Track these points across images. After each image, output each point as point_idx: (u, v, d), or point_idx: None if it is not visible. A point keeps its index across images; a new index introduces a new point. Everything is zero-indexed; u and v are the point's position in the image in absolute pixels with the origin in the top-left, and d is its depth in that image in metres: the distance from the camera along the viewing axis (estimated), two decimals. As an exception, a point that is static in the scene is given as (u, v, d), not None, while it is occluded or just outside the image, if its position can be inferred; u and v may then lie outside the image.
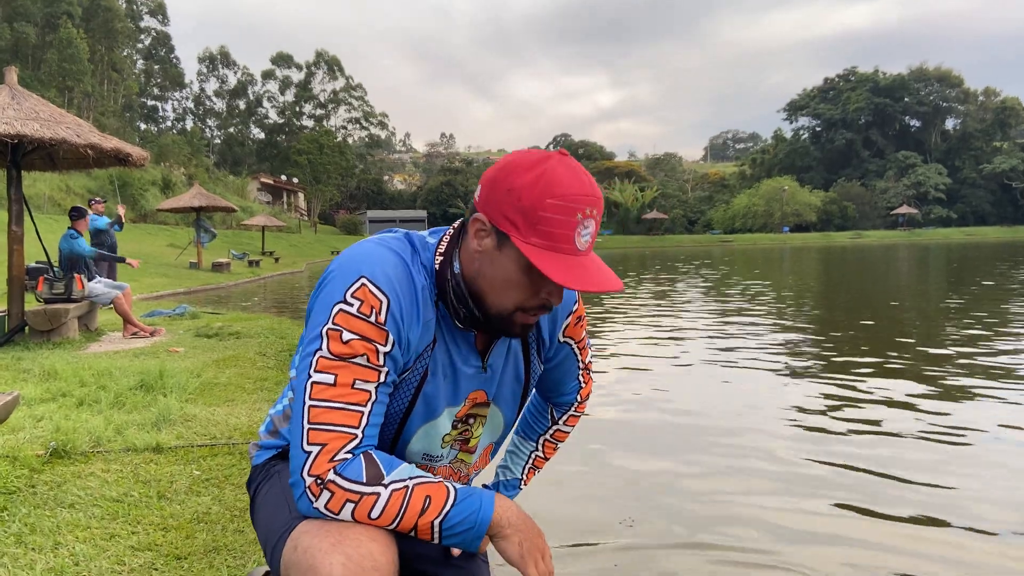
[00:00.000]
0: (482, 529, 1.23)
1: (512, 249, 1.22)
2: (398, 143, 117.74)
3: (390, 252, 1.30)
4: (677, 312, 12.36)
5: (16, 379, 5.36)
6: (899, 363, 7.08)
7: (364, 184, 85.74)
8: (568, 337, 1.57)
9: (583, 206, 1.19)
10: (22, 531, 2.63)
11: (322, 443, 1.19)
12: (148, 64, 77.98)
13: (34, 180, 31.26)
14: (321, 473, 1.18)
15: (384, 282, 1.25)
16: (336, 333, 1.22)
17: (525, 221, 1.19)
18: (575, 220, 1.19)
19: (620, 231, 78.60)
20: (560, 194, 1.18)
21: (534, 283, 1.25)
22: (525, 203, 1.19)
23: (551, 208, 1.18)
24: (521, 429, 1.76)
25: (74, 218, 8.60)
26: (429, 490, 1.22)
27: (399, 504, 1.19)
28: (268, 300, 17.25)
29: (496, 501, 1.27)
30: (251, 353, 6.83)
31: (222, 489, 3.16)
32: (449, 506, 1.22)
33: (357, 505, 1.18)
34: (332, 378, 1.21)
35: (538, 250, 1.19)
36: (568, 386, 1.67)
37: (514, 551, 1.26)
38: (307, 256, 39.59)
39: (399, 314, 1.26)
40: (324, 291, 1.28)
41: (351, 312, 1.23)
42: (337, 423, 1.20)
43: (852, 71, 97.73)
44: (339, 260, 1.31)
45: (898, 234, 72.35)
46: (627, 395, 5.93)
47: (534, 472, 1.74)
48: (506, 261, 1.24)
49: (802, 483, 3.80)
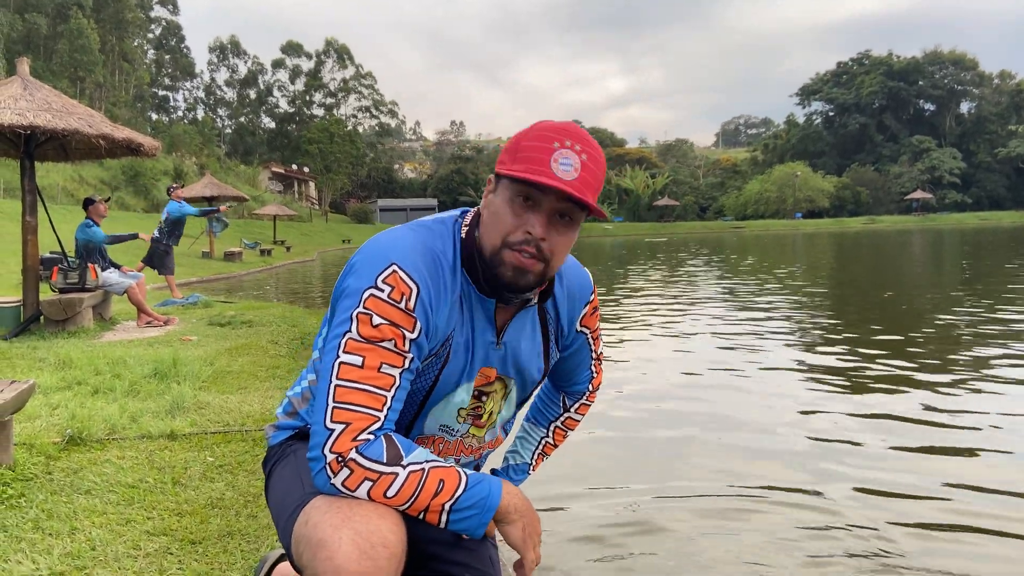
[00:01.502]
0: (488, 515, 1.26)
1: (503, 186, 1.31)
2: (408, 131, 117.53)
3: (420, 239, 1.34)
4: (685, 306, 12.32)
5: (32, 368, 5.42)
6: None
7: (375, 173, 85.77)
8: (584, 327, 1.60)
9: (561, 137, 1.27)
10: (39, 517, 2.66)
11: (346, 422, 1.22)
12: (159, 54, 78.19)
13: (47, 171, 31.52)
14: (343, 451, 1.20)
15: (414, 270, 1.28)
16: (366, 317, 1.25)
17: (509, 157, 1.30)
18: (550, 148, 1.26)
19: (631, 218, 78.36)
20: (540, 128, 1.30)
21: (519, 216, 1.29)
22: (511, 144, 1.32)
23: (529, 138, 1.29)
24: (532, 415, 1.78)
25: (88, 208, 8.67)
26: (443, 474, 1.24)
27: (415, 485, 1.22)
28: (280, 289, 17.33)
29: (504, 488, 1.30)
30: (263, 341, 6.88)
31: (236, 475, 3.19)
32: (461, 491, 1.24)
33: (375, 484, 1.21)
34: (360, 360, 1.24)
35: (516, 171, 1.27)
36: (582, 375, 1.70)
37: (518, 535, 1.30)
38: (319, 245, 39.71)
39: (428, 301, 1.29)
40: (354, 275, 1.30)
41: (382, 298, 1.26)
42: (362, 404, 1.23)
43: (866, 55, 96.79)
44: (370, 245, 1.34)
45: (912, 219, 71.76)
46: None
47: (543, 458, 1.77)
48: (496, 199, 1.33)
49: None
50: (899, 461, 3.93)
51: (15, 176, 7.97)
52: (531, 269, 1.30)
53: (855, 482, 3.60)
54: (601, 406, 5.18)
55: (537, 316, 1.50)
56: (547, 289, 1.47)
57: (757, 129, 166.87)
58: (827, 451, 4.12)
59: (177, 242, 12.01)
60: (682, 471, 3.86)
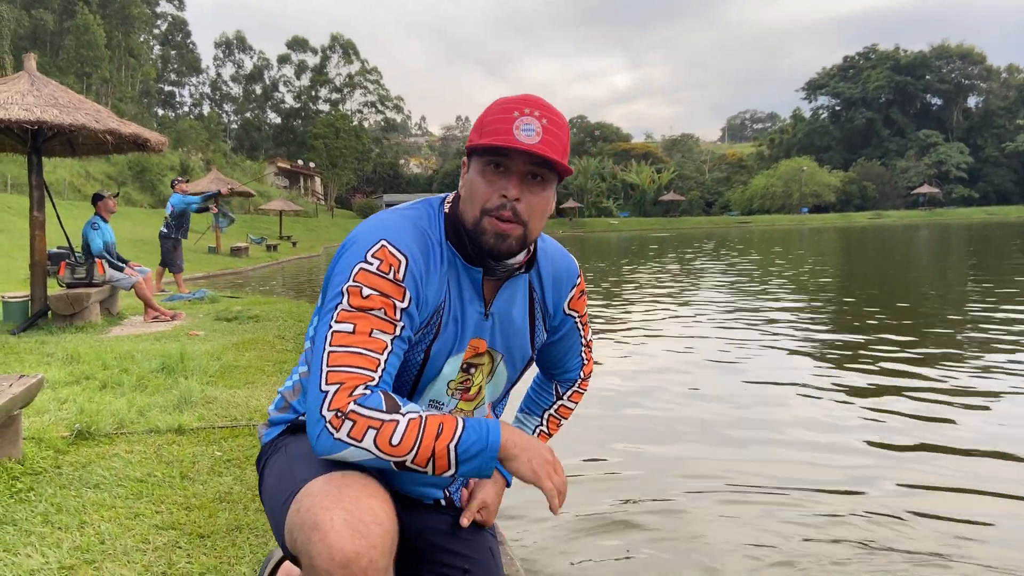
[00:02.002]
0: (494, 450, 1.27)
1: (474, 160, 1.38)
2: (414, 127, 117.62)
3: (407, 217, 1.41)
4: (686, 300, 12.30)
5: (40, 362, 5.44)
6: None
7: (380, 168, 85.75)
8: (572, 310, 1.62)
9: (520, 106, 1.33)
10: (48, 511, 2.68)
11: (340, 382, 1.24)
12: (165, 50, 78.17)
13: (54, 166, 31.55)
14: (341, 406, 1.22)
15: (403, 243, 1.34)
16: (356, 289, 1.30)
17: (476, 132, 1.36)
18: (511, 117, 1.32)
19: (637, 213, 78.14)
20: (500, 102, 1.36)
21: (493, 184, 1.34)
22: (476, 123, 1.38)
23: (494, 113, 1.34)
24: (526, 406, 1.80)
25: (97, 203, 8.64)
26: (441, 419, 1.27)
27: (416, 430, 1.23)
28: (286, 284, 17.36)
29: (501, 426, 1.31)
30: (270, 336, 6.89)
31: (243, 469, 3.20)
32: (460, 430, 1.26)
33: (379, 432, 1.22)
34: (351, 327, 1.28)
35: (481, 141, 1.33)
36: (572, 362, 1.72)
37: (526, 468, 1.31)
38: (324, 240, 39.72)
39: (417, 273, 1.34)
40: (344, 256, 1.35)
41: (371, 270, 1.30)
42: (355, 365, 1.26)
43: (872, 49, 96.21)
44: (360, 228, 1.39)
45: (918, 214, 71.42)
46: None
47: None
48: (470, 174, 1.39)
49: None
50: (917, 455, 3.93)
51: (22, 172, 7.99)
52: (511, 232, 1.35)
53: (867, 473, 3.60)
54: (610, 394, 5.19)
55: (526, 290, 1.52)
56: (532, 259, 1.49)
57: (763, 124, 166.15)
58: (837, 445, 4.13)
59: (185, 235, 12.08)
60: (687, 464, 3.86)
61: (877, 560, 2.75)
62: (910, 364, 6.13)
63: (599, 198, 78.69)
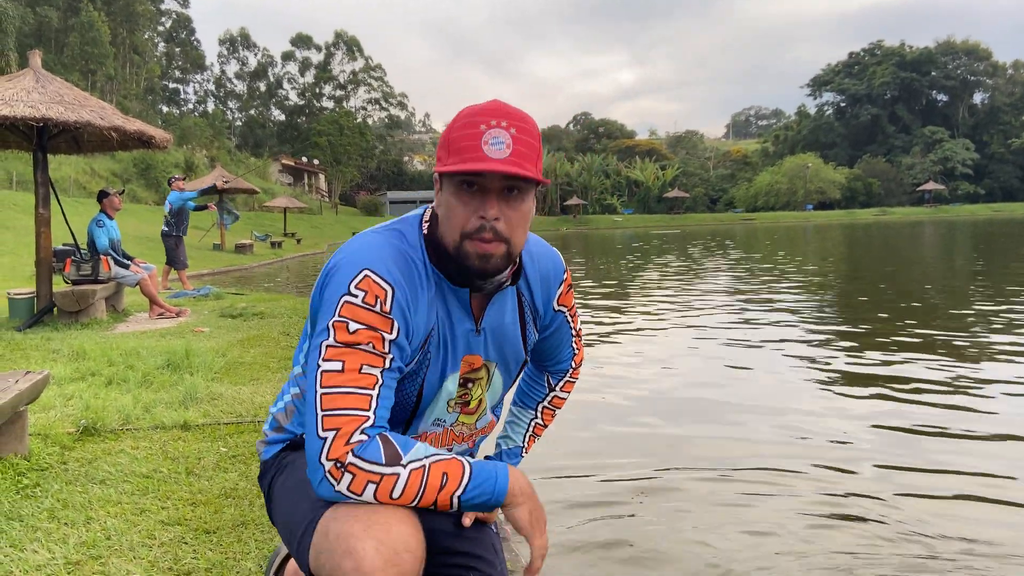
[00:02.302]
0: (500, 499, 1.27)
1: (446, 182, 1.32)
2: (418, 123, 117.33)
3: (388, 241, 1.35)
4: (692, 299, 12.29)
5: (46, 359, 5.45)
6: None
7: (384, 165, 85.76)
8: (562, 305, 1.61)
9: (487, 118, 1.27)
10: (55, 506, 2.68)
11: (336, 428, 1.22)
12: (169, 47, 78.25)
13: (59, 163, 31.66)
14: (339, 456, 1.21)
15: (387, 272, 1.29)
16: (342, 324, 1.26)
17: (444, 152, 1.30)
18: (479, 131, 1.26)
19: (641, 210, 78.10)
20: (464, 115, 1.29)
21: (468, 205, 1.29)
22: (444, 138, 1.31)
23: (460, 129, 1.28)
24: (519, 399, 1.79)
25: (103, 201, 8.65)
26: (446, 467, 1.25)
27: (419, 482, 1.22)
28: (291, 281, 17.39)
29: (510, 472, 1.30)
30: (275, 333, 6.90)
31: (248, 465, 3.20)
32: (466, 480, 1.25)
33: (379, 486, 1.21)
34: (340, 364, 1.25)
35: (452, 165, 1.27)
36: (563, 353, 1.71)
37: (524, 519, 1.31)
38: (328, 237, 39.74)
39: (404, 301, 1.30)
40: (328, 287, 1.31)
41: (356, 303, 1.26)
42: (348, 407, 1.23)
43: (878, 45, 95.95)
44: (339, 256, 1.34)
45: (923, 211, 71.26)
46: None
47: (534, 439, 1.78)
48: (443, 197, 1.33)
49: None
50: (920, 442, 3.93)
51: (28, 169, 8.01)
52: (495, 252, 1.30)
53: (875, 461, 3.60)
54: (613, 396, 5.18)
55: (515, 298, 1.51)
56: (518, 269, 1.47)
57: (768, 120, 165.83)
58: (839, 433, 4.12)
59: (185, 232, 12.11)
60: (689, 453, 3.86)
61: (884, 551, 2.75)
62: (917, 352, 6.12)
63: (603, 195, 78.67)
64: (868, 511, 3.17)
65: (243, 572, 2.25)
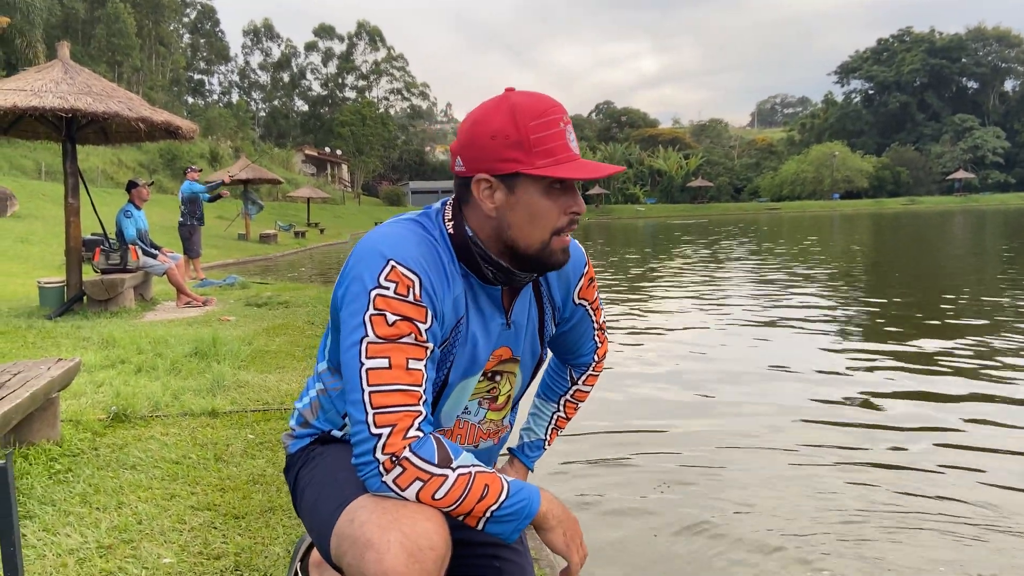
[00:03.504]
0: (524, 523, 1.27)
1: (526, 183, 1.29)
2: (440, 113, 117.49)
3: (408, 231, 1.34)
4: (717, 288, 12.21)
5: (76, 346, 5.54)
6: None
7: (406, 155, 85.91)
8: (583, 299, 1.60)
9: (559, 115, 1.29)
10: (87, 491, 2.72)
11: (392, 424, 1.22)
12: (194, 38, 78.79)
13: (87, 154, 32.06)
14: (396, 451, 1.21)
15: (412, 261, 1.28)
16: (380, 317, 1.24)
17: (524, 152, 1.27)
18: (561, 129, 1.28)
19: (664, 199, 77.60)
20: (537, 114, 1.28)
21: (557, 203, 1.31)
22: (515, 137, 1.27)
23: (537, 129, 1.27)
24: (542, 392, 1.78)
25: (131, 191, 8.75)
26: (488, 479, 1.25)
27: (462, 489, 1.22)
28: (314, 270, 17.51)
29: (542, 496, 1.30)
30: (300, 322, 6.95)
31: (275, 452, 3.23)
32: (504, 497, 1.24)
33: (425, 484, 1.21)
34: (386, 361, 1.24)
35: (550, 167, 1.27)
36: (585, 347, 1.70)
37: (559, 541, 1.31)
38: (351, 227, 39.93)
39: (432, 289, 1.29)
40: (353, 281, 1.29)
41: (389, 295, 1.25)
42: (401, 404, 1.23)
43: (907, 31, 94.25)
44: (360, 248, 1.32)
45: (953, 200, 70.08)
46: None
47: (556, 432, 1.77)
48: (526, 198, 1.30)
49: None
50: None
51: (56, 159, 8.12)
52: (568, 243, 1.35)
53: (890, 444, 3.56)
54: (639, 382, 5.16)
55: (532, 291, 1.50)
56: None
57: (794, 108, 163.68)
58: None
59: (201, 221, 12.32)
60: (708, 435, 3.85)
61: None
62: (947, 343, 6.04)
63: (626, 184, 78.23)
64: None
65: (271, 557, 2.27)
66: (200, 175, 12.74)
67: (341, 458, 1.38)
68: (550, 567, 2.43)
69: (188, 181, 12.10)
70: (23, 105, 6.60)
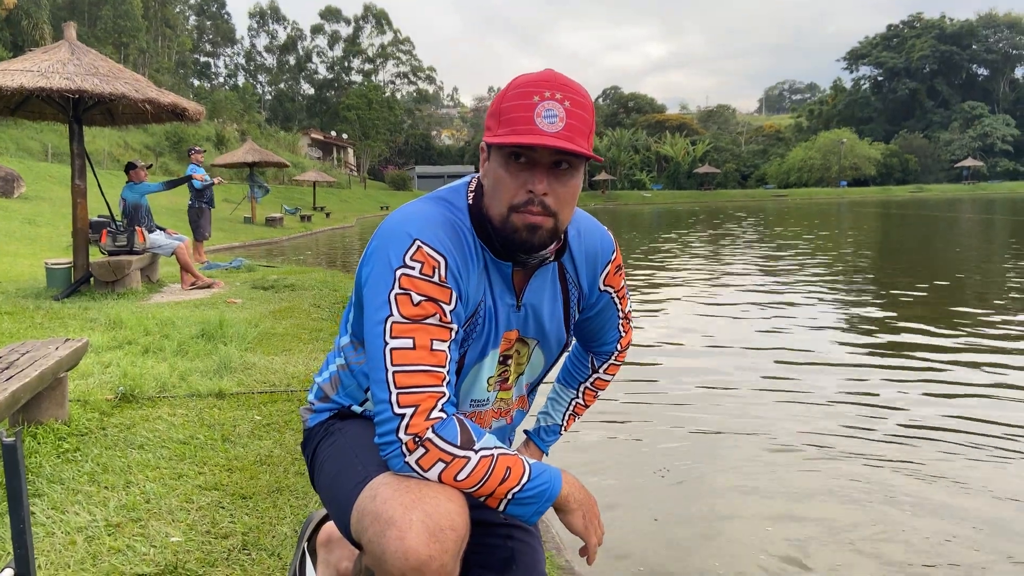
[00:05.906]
0: (546, 506, 1.28)
1: (495, 153, 1.30)
2: (446, 98, 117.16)
3: (436, 210, 1.34)
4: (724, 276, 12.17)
5: (84, 327, 5.55)
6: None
7: (412, 139, 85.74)
8: (608, 286, 1.58)
9: (542, 89, 1.25)
10: (95, 470, 2.74)
11: (415, 404, 1.22)
12: (200, 20, 78.64)
13: (93, 136, 32.05)
14: (419, 431, 1.21)
15: (438, 242, 1.28)
16: (405, 297, 1.25)
17: (495, 121, 1.29)
18: (531, 103, 1.24)
19: (671, 186, 77.28)
20: (518, 84, 1.28)
21: (517, 177, 1.27)
22: (493, 108, 1.30)
23: (510, 99, 1.26)
24: (562, 377, 1.78)
25: (129, 172, 8.93)
26: (510, 462, 1.25)
27: (484, 470, 1.23)
28: (320, 254, 17.52)
29: (563, 479, 1.30)
30: (306, 305, 6.96)
31: (283, 433, 3.25)
32: (526, 479, 1.25)
33: (448, 466, 1.21)
34: (410, 342, 1.24)
35: (501, 136, 1.25)
36: (609, 335, 1.68)
37: (579, 523, 1.33)
38: (357, 211, 39.96)
39: (457, 270, 1.29)
40: (379, 259, 1.29)
41: (414, 275, 1.25)
42: (425, 384, 1.23)
43: (917, 17, 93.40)
44: (387, 227, 1.32)
45: (961, 188, 69.66)
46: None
47: (574, 418, 1.77)
48: (491, 167, 1.31)
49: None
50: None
51: (63, 141, 8.11)
52: (541, 225, 1.29)
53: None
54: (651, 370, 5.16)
55: (557, 275, 1.48)
56: (563, 245, 1.45)
57: (802, 95, 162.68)
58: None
59: (211, 204, 12.42)
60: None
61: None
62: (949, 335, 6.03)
63: (632, 170, 77.95)
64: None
65: (278, 536, 2.28)
66: (204, 156, 12.75)
67: (361, 434, 1.39)
68: (556, 549, 2.44)
69: (193, 164, 12.10)
70: (30, 86, 6.60)
